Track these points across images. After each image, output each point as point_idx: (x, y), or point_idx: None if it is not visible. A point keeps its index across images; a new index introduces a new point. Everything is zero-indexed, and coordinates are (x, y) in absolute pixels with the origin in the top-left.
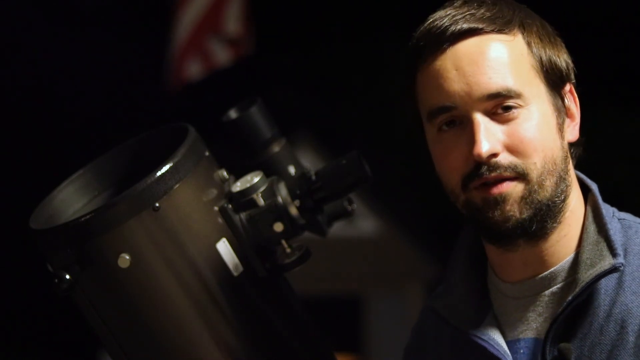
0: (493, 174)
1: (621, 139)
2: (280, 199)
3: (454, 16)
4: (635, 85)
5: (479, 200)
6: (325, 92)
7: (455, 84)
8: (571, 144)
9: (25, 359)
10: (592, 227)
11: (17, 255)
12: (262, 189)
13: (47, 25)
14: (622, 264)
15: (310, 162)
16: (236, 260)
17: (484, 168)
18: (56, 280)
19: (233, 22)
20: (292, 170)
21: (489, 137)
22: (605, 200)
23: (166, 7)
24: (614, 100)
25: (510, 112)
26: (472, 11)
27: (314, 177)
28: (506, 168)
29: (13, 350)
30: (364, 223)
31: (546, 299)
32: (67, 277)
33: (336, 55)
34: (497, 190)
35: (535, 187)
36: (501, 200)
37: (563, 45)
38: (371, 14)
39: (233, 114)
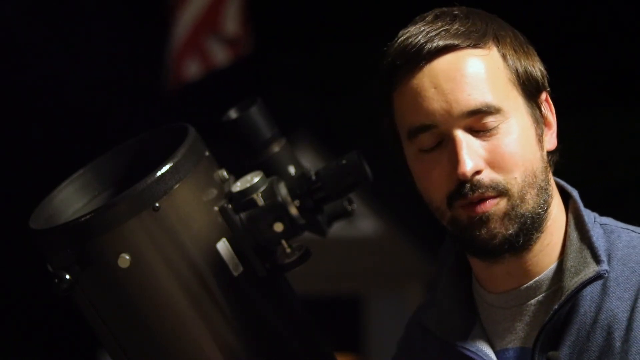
0: (475, 195)
1: (621, 139)
2: (280, 199)
3: (428, 32)
4: (635, 86)
5: (464, 218)
6: (325, 92)
7: (434, 102)
8: (549, 152)
9: (26, 359)
10: (574, 234)
11: (17, 255)
12: (262, 189)
13: (46, 24)
14: (607, 271)
15: (310, 162)
16: (236, 260)
17: (467, 187)
18: (56, 280)
19: (231, 22)
20: (292, 170)
21: (471, 154)
22: (604, 200)
23: (165, 7)
24: (614, 100)
25: (490, 128)
26: (446, 27)
27: (314, 177)
28: (487, 187)
29: (13, 350)
30: (364, 223)
31: (532, 307)
32: (67, 277)
33: (336, 56)
34: (480, 209)
35: (517, 201)
36: (485, 219)
37: (535, 53)
38: (371, 14)
39: (233, 113)
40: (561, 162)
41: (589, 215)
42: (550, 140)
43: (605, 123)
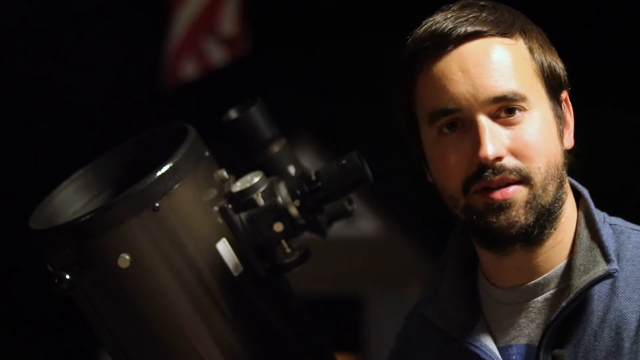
0: (497, 177)
1: (621, 139)
2: (280, 199)
3: (456, 18)
4: (635, 86)
5: (480, 205)
6: (325, 92)
7: (461, 85)
8: (566, 151)
9: (26, 359)
10: (584, 233)
11: (17, 255)
12: (262, 189)
13: (44, 24)
14: (616, 270)
15: (310, 162)
16: (236, 260)
17: (489, 171)
18: (56, 280)
19: (228, 22)
20: (292, 170)
21: (494, 140)
22: (605, 201)
23: (162, 6)
24: (614, 101)
25: (514, 116)
26: (475, 14)
27: (314, 177)
28: (511, 171)
29: (13, 350)
30: (364, 223)
31: (539, 305)
32: (67, 277)
33: (336, 55)
34: (501, 195)
35: (540, 191)
36: (506, 206)
37: (557, 53)
38: (371, 14)
39: (233, 114)
40: (576, 164)
41: (598, 215)
42: (568, 139)
43: (605, 123)
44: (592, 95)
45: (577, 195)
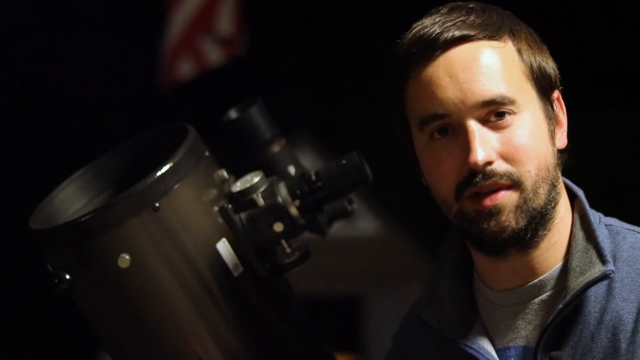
0: (488, 182)
1: (621, 139)
2: (280, 199)
3: (444, 23)
4: (635, 86)
5: (471, 211)
6: (325, 92)
7: (449, 91)
8: (559, 151)
9: (26, 359)
10: (580, 234)
11: (17, 255)
12: (262, 189)
13: (41, 25)
14: (612, 271)
15: (310, 162)
16: (236, 260)
17: (479, 176)
18: (56, 281)
19: (226, 21)
20: (292, 170)
21: (484, 145)
22: (605, 201)
23: (159, 6)
24: (614, 101)
25: (504, 120)
26: (462, 18)
27: (314, 177)
28: (502, 176)
29: (13, 350)
30: (364, 223)
31: (535, 306)
32: (67, 277)
33: (336, 55)
34: (490, 202)
35: (530, 195)
36: (496, 211)
37: (548, 52)
38: (372, 13)
39: (233, 114)
40: (570, 163)
41: (594, 216)
42: (561, 139)
43: (605, 124)
44: (592, 95)
45: (572, 196)
